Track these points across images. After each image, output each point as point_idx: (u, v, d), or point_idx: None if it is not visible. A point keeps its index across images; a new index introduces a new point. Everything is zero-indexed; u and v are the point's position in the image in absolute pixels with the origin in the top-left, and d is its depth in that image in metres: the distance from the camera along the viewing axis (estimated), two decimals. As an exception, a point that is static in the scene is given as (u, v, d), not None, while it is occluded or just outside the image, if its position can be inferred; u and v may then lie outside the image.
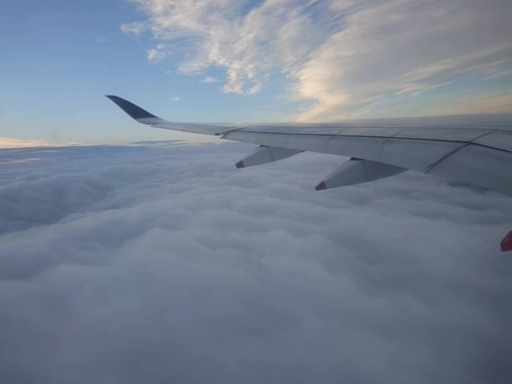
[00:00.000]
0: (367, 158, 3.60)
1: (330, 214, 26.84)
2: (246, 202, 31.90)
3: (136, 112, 9.43)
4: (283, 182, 41.35)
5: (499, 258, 16.45)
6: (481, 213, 26.06)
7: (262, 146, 5.09)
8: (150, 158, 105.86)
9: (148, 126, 8.83)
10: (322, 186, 3.79)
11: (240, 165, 4.99)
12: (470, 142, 2.73)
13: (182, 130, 7.51)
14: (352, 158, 3.78)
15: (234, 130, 6.07)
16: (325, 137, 4.44)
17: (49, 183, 53.50)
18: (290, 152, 4.91)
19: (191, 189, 44.10)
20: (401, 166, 3.25)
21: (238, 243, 21.09)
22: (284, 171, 46.62)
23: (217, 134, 6.21)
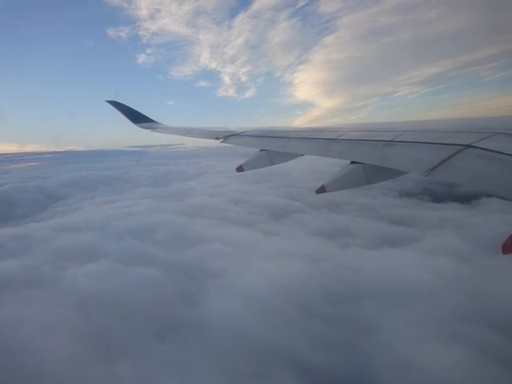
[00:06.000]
0: (367, 162, 3.60)
1: (211, 235, 24.69)
2: (133, 222, 29.17)
3: (136, 117, 9.48)
4: (211, 196, 39.26)
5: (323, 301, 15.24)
6: (395, 229, 25.21)
7: (261, 150, 5.10)
8: (132, 163, 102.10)
9: (148, 130, 8.86)
10: (322, 190, 3.78)
11: (240, 169, 4.99)
12: (469, 145, 2.73)
13: (182, 135, 7.53)
14: (352, 162, 3.78)
15: (233, 135, 6.09)
16: (324, 141, 4.44)
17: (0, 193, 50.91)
18: (290, 156, 4.91)
19: (119, 201, 41.54)
20: (401, 169, 3.25)
21: (33, 281, 18.43)
22: (231, 181, 45.08)
23: (217, 139, 6.23)
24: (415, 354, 11.76)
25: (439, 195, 34.23)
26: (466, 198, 30.74)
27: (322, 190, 3.78)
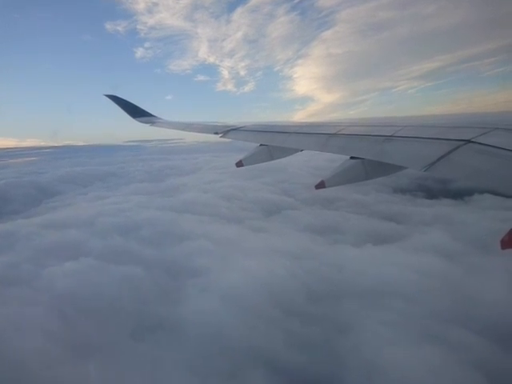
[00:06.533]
0: (367, 157, 3.61)
1: (199, 232, 24.06)
2: (121, 218, 28.41)
3: (135, 111, 9.43)
4: (204, 192, 38.70)
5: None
6: (385, 226, 24.92)
7: (261, 144, 5.10)
8: (129, 158, 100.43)
9: (147, 125, 8.83)
10: (321, 185, 3.78)
11: (239, 164, 4.99)
12: (469, 141, 2.74)
13: (182, 130, 7.50)
14: (351, 157, 3.78)
15: (233, 129, 6.07)
16: (324, 136, 4.44)
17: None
18: (290, 151, 4.91)
19: (111, 197, 40.88)
20: (400, 164, 3.26)
21: (11, 279, 17.78)
22: (225, 176, 44.64)
23: (216, 133, 6.21)
24: (394, 356, 11.60)
25: (433, 191, 34.14)
26: (459, 195, 30.71)
27: (321, 185, 3.79)
